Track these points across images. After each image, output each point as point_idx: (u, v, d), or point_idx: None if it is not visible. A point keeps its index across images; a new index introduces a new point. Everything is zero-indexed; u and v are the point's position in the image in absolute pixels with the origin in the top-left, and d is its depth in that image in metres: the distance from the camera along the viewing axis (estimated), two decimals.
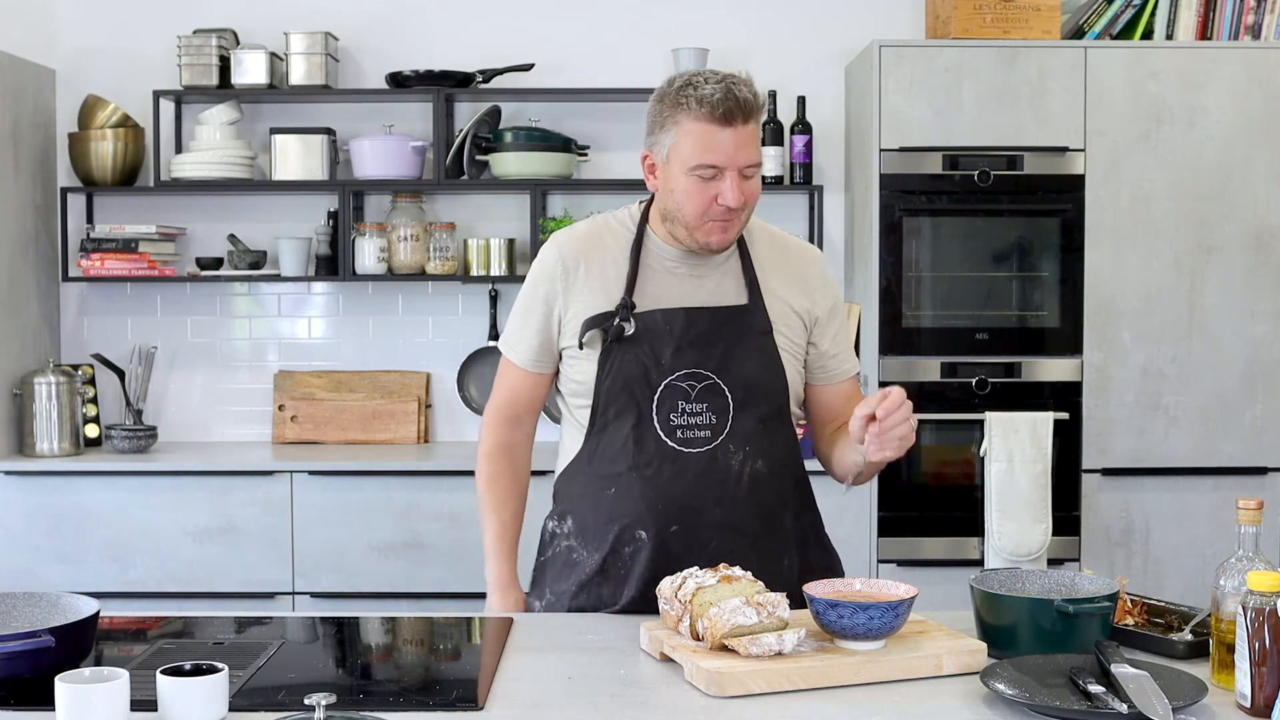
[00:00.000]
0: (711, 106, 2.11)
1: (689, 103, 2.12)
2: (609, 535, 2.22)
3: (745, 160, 2.14)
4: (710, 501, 2.19)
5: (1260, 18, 4.17)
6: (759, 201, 2.26)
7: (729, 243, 2.20)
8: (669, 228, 2.22)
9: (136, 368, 4.30)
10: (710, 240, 2.18)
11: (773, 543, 2.24)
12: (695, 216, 2.15)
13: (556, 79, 4.45)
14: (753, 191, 2.17)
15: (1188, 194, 4.01)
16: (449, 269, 4.36)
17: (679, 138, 2.13)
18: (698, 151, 2.12)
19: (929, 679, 1.83)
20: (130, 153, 4.36)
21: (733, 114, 2.11)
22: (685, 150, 2.13)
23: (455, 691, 1.82)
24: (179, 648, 2.05)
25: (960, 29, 4.05)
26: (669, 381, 2.17)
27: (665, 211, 2.21)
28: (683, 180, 2.14)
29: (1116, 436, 4.02)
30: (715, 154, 2.11)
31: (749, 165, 2.15)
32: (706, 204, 2.14)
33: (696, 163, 2.12)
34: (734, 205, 2.13)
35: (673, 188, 2.16)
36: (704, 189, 2.13)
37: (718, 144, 2.11)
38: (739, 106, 2.12)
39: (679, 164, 2.14)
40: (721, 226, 2.16)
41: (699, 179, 2.13)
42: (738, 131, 2.12)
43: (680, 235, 2.21)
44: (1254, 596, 1.66)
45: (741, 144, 2.13)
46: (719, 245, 2.19)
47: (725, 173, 2.12)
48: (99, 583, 3.94)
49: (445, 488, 4.02)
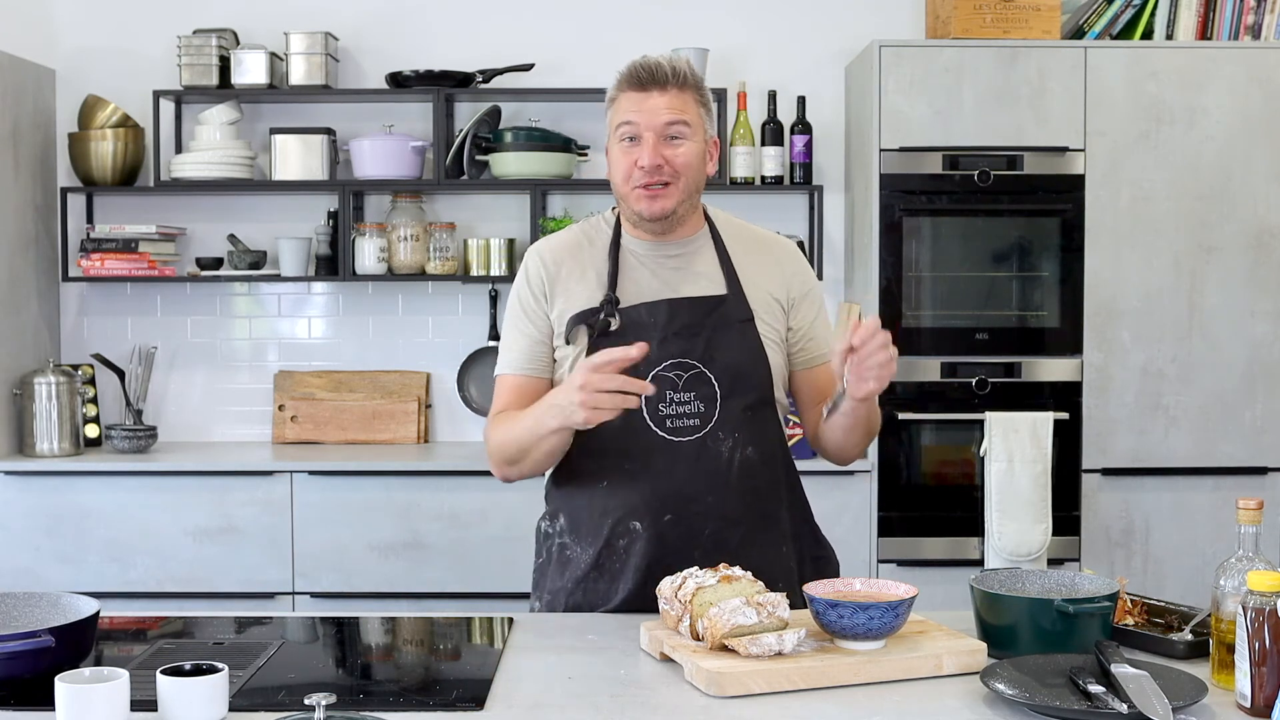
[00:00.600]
0: (629, 75, 2.20)
1: (619, 80, 2.22)
2: (603, 529, 2.22)
3: (662, 120, 2.18)
4: (703, 489, 2.20)
5: (1260, 18, 4.17)
6: (758, 202, 2.25)
7: (660, 212, 2.20)
8: (624, 214, 2.27)
9: (136, 368, 4.30)
10: (640, 208, 2.20)
11: (767, 531, 2.26)
12: (622, 183, 2.21)
13: (556, 79, 4.45)
14: (679, 157, 2.19)
15: (1188, 194, 4.01)
16: (449, 269, 4.36)
17: (611, 113, 2.23)
18: (619, 116, 2.20)
19: (929, 679, 1.83)
20: (130, 153, 4.36)
21: (646, 80, 2.18)
22: (612, 120, 2.22)
23: (455, 691, 1.82)
24: (179, 648, 2.05)
25: (960, 29, 4.05)
26: (656, 372, 2.18)
27: (614, 194, 2.27)
28: (614, 151, 2.23)
29: (1116, 436, 4.02)
30: (631, 113, 2.18)
31: (668, 124, 2.18)
32: (629, 168, 2.19)
33: (617, 123, 2.20)
34: (648, 164, 2.16)
35: (610, 163, 2.25)
36: (627, 154, 2.19)
37: (634, 106, 2.18)
38: (650, 73, 2.18)
39: (611, 136, 2.23)
40: (648, 193, 2.19)
41: (623, 147, 2.20)
42: (653, 95, 2.18)
43: (625, 212, 2.25)
44: (1254, 596, 1.66)
45: (659, 107, 2.17)
46: (649, 213, 2.20)
47: (643, 133, 2.17)
48: (99, 583, 3.94)
49: (445, 488, 4.02)
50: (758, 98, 4.44)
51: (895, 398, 4.00)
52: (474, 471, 4.03)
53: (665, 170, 2.17)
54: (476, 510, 4.01)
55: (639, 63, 2.20)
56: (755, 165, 4.37)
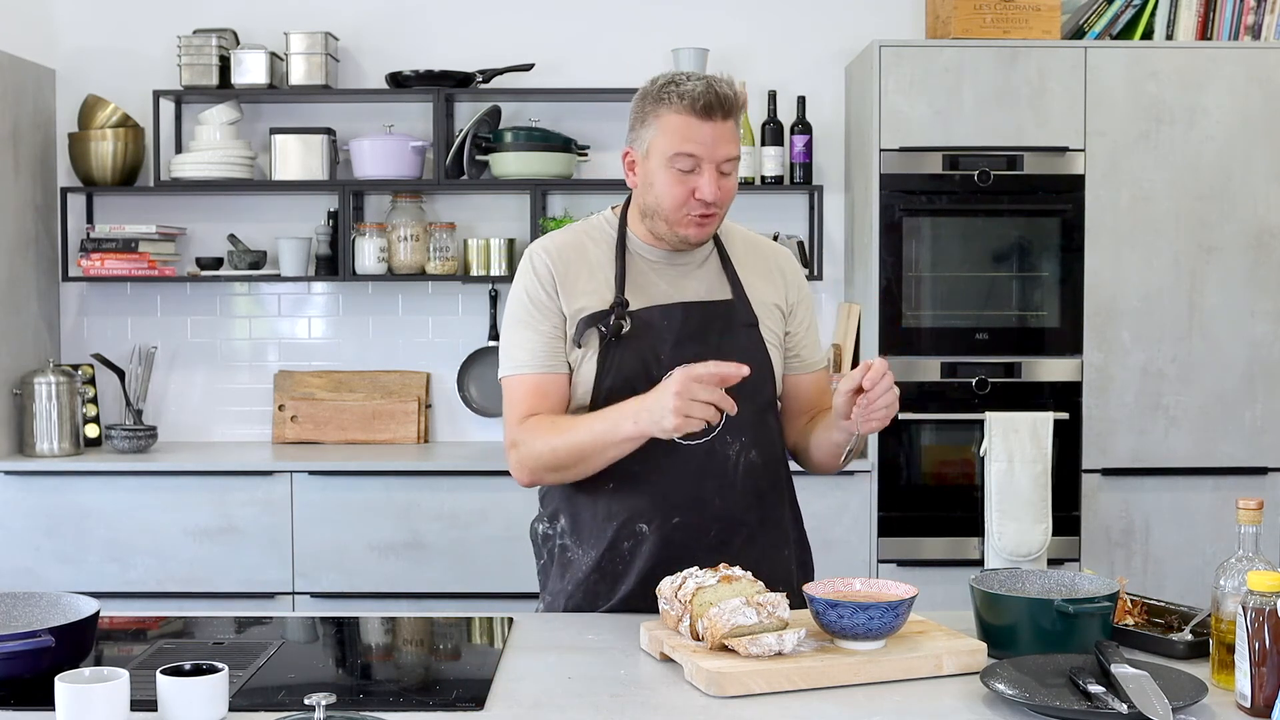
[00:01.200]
0: (693, 100, 2.14)
1: (670, 97, 2.16)
2: (608, 531, 2.22)
3: (723, 154, 2.16)
4: (711, 492, 2.21)
5: (1260, 18, 4.17)
6: (758, 202, 2.26)
7: (706, 237, 2.23)
8: (648, 225, 2.25)
9: (136, 368, 4.30)
10: (688, 234, 2.20)
11: (769, 533, 2.27)
12: (673, 210, 2.18)
13: (556, 79, 4.45)
14: (729, 188, 2.19)
15: (1188, 194, 4.01)
16: (449, 269, 4.36)
17: (660, 131, 2.17)
18: (677, 142, 2.15)
19: (929, 679, 1.83)
20: (130, 153, 4.36)
21: (712, 108, 2.14)
22: (665, 143, 2.16)
23: (455, 691, 1.82)
24: (179, 648, 2.05)
25: (960, 29, 4.05)
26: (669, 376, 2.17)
27: (644, 208, 2.23)
28: (662, 173, 2.18)
29: (1116, 436, 4.02)
30: (694, 145, 2.14)
31: (726, 160, 2.17)
32: (684, 197, 2.17)
33: (675, 152, 2.15)
34: (710, 199, 2.15)
35: (652, 181, 2.20)
36: (682, 181, 2.16)
37: (697, 136, 2.14)
38: (719, 101, 2.14)
39: (658, 157, 2.17)
40: (699, 220, 2.19)
41: (678, 172, 2.16)
42: (717, 126, 2.14)
43: (659, 230, 2.23)
44: (1254, 596, 1.66)
45: (720, 138, 2.15)
46: (696, 239, 2.22)
47: (703, 165, 2.15)
48: (99, 583, 3.94)
49: (445, 488, 4.02)
50: (758, 98, 4.44)
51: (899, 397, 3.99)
52: (474, 471, 4.03)
53: (719, 201, 2.18)
54: (476, 510, 4.01)
55: (704, 90, 2.13)
56: (755, 165, 4.37)
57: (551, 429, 2.16)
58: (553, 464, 2.18)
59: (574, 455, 2.15)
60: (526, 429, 2.19)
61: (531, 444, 2.18)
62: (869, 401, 2.07)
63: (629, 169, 2.25)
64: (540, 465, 2.19)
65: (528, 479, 2.23)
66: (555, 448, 2.15)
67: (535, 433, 2.18)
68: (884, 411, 2.08)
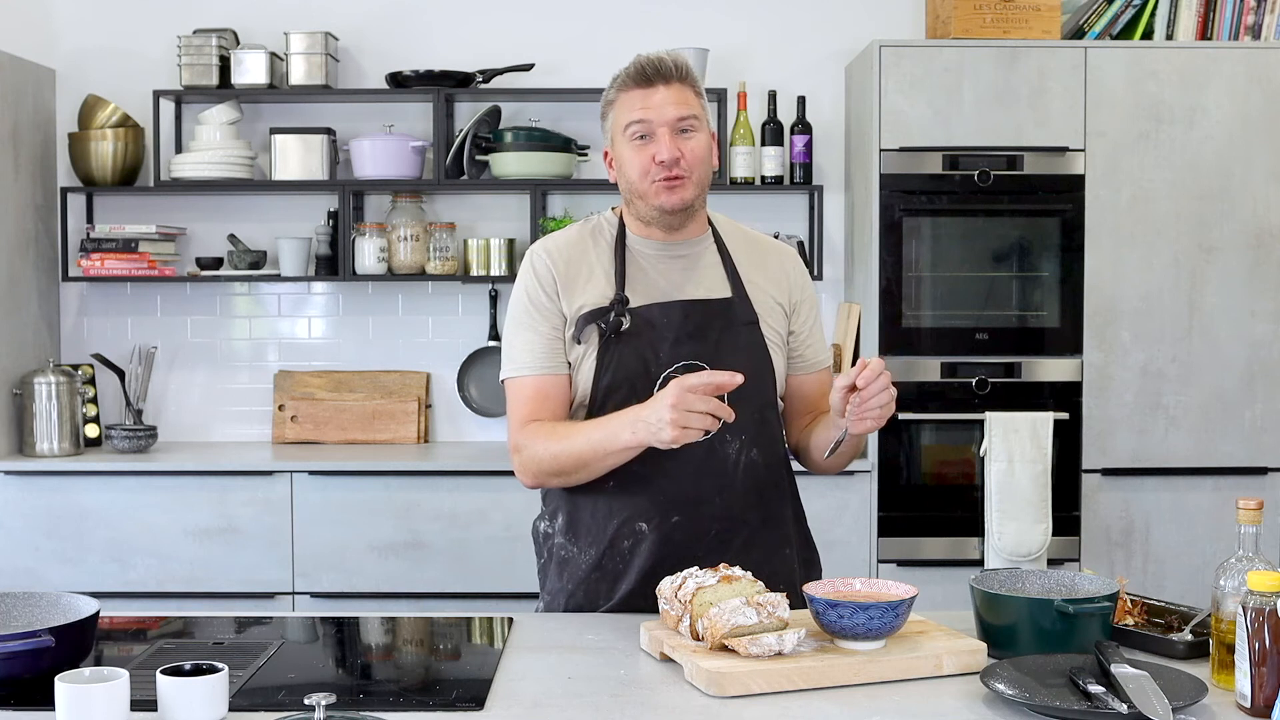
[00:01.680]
0: (629, 75, 2.21)
1: (615, 83, 2.24)
2: (607, 530, 2.22)
3: (672, 114, 2.19)
4: (711, 491, 2.21)
5: (1260, 18, 4.17)
6: (758, 202, 2.26)
7: (680, 202, 2.22)
8: (633, 211, 2.27)
9: (136, 368, 4.30)
10: (660, 201, 2.21)
11: (770, 532, 2.27)
12: (640, 179, 2.21)
13: (556, 79, 4.45)
14: (692, 149, 2.20)
15: (1188, 194, 4.01)
16: (449, 269, 4.36)
17: (615, 114, 2.23)
18: (626, 114, 2.21)
19: (929, 679, 1.83)
20: (130, 153, 4.36)
21: (649, 76, 2.19)
22: (620, 120, 2.22)
23: (455, 691, 1.82)
24: (179, 648, 2.05)
25: (960, 29, 4.05)
26: (667, 374, 2.18)
27: (624, 194, 2.27)
28: (624, 150, 2.22)
29: (1116, 436, 4.02)
30: (640, 111, 2.19)
31: (679, 118, 2.19)
32: (646, 164, 2.19)
33: (626, 123, 2.20)
34: (665, 157, 2.17)
35: (621, 163, 2.24)
36: (642, 150, 2.20)
37: (641, 103, 2.19)
38: (656, 69, 2.20)
39: (619, 137, 2.23)
40: (667, 185, 2.20)
41: (636, 144, 2.20)
42: (659, 90, 2.19)
43: (641, 212, 2.25)
44: (1254, 596, 1.66)
45: (665, 101, 2.19)
46: (670, 205, 2.21)
47: (656, 129, 2.19)
48: (99, 583, 3.94)
49: (445, 488, 4.02)
50: (758, 98, 4.44)
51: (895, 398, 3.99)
52: (474, 471, 4.03)
53: (682, 163, 2.19)
54: (476, 510, 4.01)
55: (641, 60, 2.21)
56: (755, 165, 4.37)
57: (551, 436, 2.17)
58: (554, 470, 2.20)
59: (574, 463, 2.17)
60: (528, 435, 2.20)
61: (533, 451, 2.19)
62: (862, 400, 2.07)
63: (609, 166, 2.29)
64: (542, 471, 2.21)
65: (532, 482, 2.25)
66: (555, 455, 2.17)
67: (536, 439, 2.19)
68: (878, 411, 2.08)
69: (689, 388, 1.98)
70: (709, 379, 1.99)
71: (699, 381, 1.99)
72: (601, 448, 2.12)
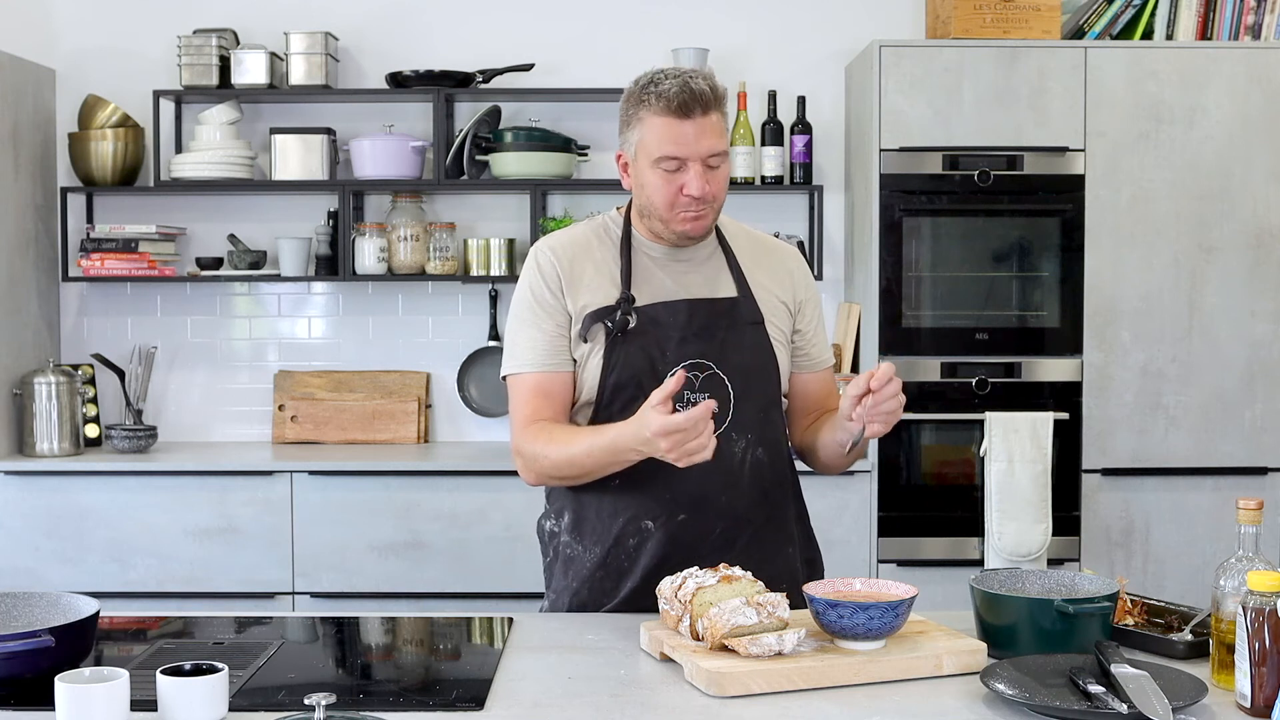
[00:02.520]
0: (668, 100, 2.15)
1: (650, 100, 2.18)
2: (613, 528, 2.23)
3: (707, 150, 2.17)
4: (716, 489, 2.21)
5: (1260, 18, 4.17)
6: (758, 202, 2.26)
7: (703, 230, 2.23)
8: (646, 224, 2.26)
9: (136, 368, 4.30)
10: (684, 229, 2.22)
11: (775, 530, 2.28)
12: (665, 209, 2.20)
13: (556, 79, 4.45)
14: (718, 180, 2.21)
15: (1188, 194, 4.01)
16: (449, 269, 4.36)
17: (644, 134, 2.19)
18: (660, 144, 2.17)
19: (929, 679, 1.83)
20: (130, 153, 4.36)
21: (689, 106, 2.15)
22: (650, 145, 2.18)
23: (455, 691, 1.82)
24: (179, 648, 2.05)
25: (960, 29, 4.05)
26: (675, 373, 2.18)
27: (640, 208, 2.26)
28: (650, 174, 2.20)
29: (1116, 436, 4.02)
30: (676, 146, 2.16)
31: (712, 155, 2.18)
32: (673, 195, 2.19)
33: (660, 154, 2.17)
34: (698, 194, 2.17)
35: (643, 182, 2.22)
36: (670, 180, 2.18)
37: (678, 136, 2.16)
38: (695, 99, 2.15)
39: (645, 159, 2.20)
40: (693, 215, 2.20)
41: (665, 171, 2.18)
42: (697, 123, 2.16)
43: (657, 229, 2.25)
44: (1254, 596, 1.66)
45: (702, 134, 2.16)
46: (694, 233, 2.23)
47: (688, 164, 2.17)
48: (99, 583, 3.94)
49: (445, 488, 4.02)
50: (758, 98, 4.44)
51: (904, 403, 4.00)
52: (474, 471, 4.03)
53: (708, 196, 2.19)
54: (476, 510, 4.01)
55: (679, 89, 2.14)
56: (755, 165, 4.37)
57: (551, 441, 2.17)
58: (554, 475, 2.21)
59: (575, 470, 2.18)
60: (529, 437, 2.20)
61: (534, 455, 2.19)
62: (875, 403, 2.07)
63: (623, 170, 2.27)
64: (543, 473, 2.22)
65: (535, 481, 2.26)
66: (556, 461, 2.17)
67: (537, 443, 2.19)
68: (886, 416, 2.09)
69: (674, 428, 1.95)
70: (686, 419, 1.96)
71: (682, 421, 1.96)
72: (604, 460, 2.13)
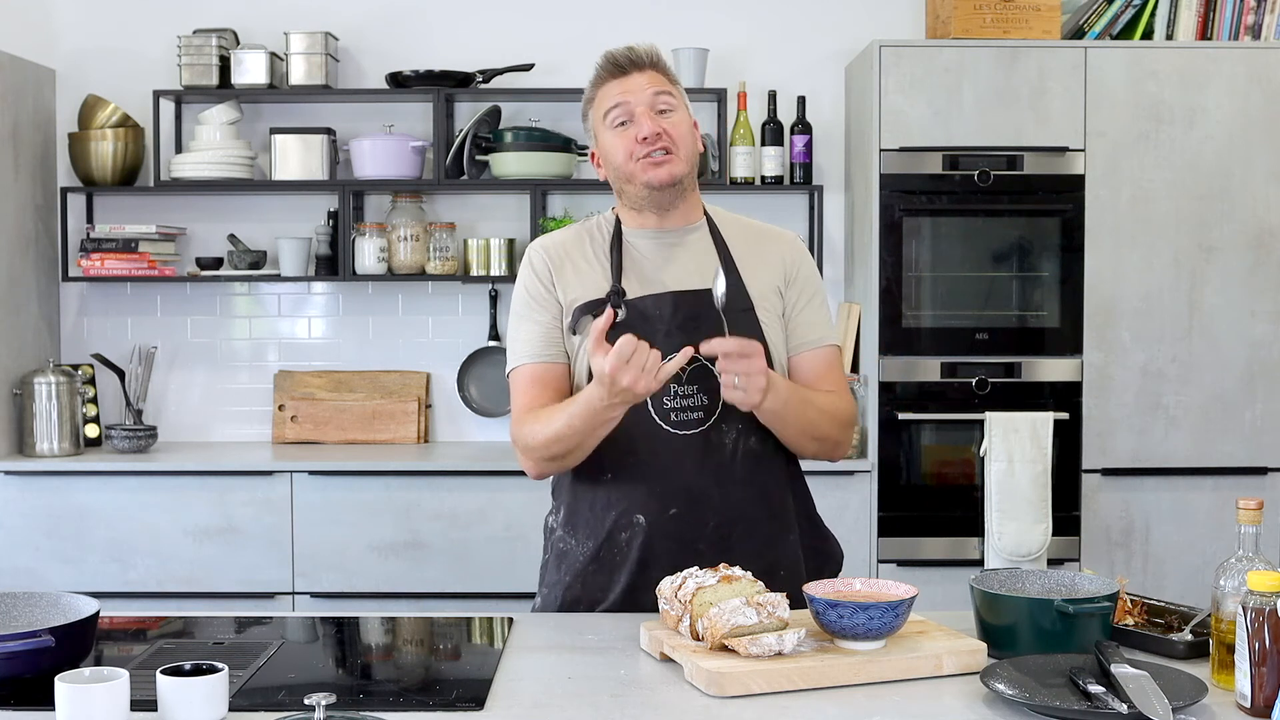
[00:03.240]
0: (602, 67, 2.28)
1: (592, 81, 2.30)
2: (605, 522, 2.23)
3: (648, 94, 2.23)
4: (709, 483, 2.20)
5: (1260, 18, 4.17)
6: (758, 202, 2.26)
7: (669, 177, 2.23)
8: (626, 201, 2.28)
9: (136, 368, 4.30)
10: (649, 178, 2.22)
11: (772, 521, 2.26)
12: (625, 161, 2.23)
13: (556, 79, 4.45)
14: (674, 124, 2.24)
15: (1188, 194, 4.01)
16: (449, 269, 4.36)
17: (595, 109, 2.29)
18: (604, 103, 2.26)
19: (929, 679, 1.83)
20: (130, 153, 4.36)
21: (620, 64, 2.25)
22: (600, 111, 2.27)
23: (455, 691, 1.82)
24: (179, 648, 2.05)
25: (960, 29, 4.05)
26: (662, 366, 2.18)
27: (614, 184, 2.28)
28: (608, 138, 2.26)
29: (1116, 436, 4.02)
30: (616, 96, 2.24)
31: (656, 95, 2.23)
32: (630, 146, 2.22)
33: (606, 109, 2.25)
34: (649, 132, 2.20)
35: (606, 152, 2.27)
36: (624, 134, 2.24)
37: (617, 89, 2.25)
38: (628, 57, 2.26)
39: (601, 127, 2.27)
40: (652, 162, 2.22)
41: (617, 128, 2.24)
42: (632, 77, 2.25)
43: (633, 197, 2.26)
44: (1254, 596, 1.66)
45: (639, 84, 2.24)
46: (659, 181, 2.22)
47: (635, 110, 2.22)
48: (99, 583, 3.94)
49: (445, 488, 4.02)
50: (758, 98, 4.44)
51: (895, 398, 4.00)
52: (474, 471, 4.03)
53: (665, 138, 2.21)
54: (476, 510, 4.01)
55: (610, 52, 2.27)
56: (755, 165, 4.37)
57: (537, 420, 2.19)
58: (547, 455, 2.20)
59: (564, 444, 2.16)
60: (520, 425, 2.22)
61: (526, 439, 2.21)
62: (721, 367, 2.06)
63: (597, 165, 2.32)
64: (538, 456, 2.21)
65: (534, 471, 2.26)
66: (546, 439, 2.17)
67: (525, 426, 2.21)
68: (736, 380, 2.06)
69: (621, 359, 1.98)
70: (627, 341, 1.99)
71: (624, 346, 1.98)
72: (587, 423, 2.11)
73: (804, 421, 2.21)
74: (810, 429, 2.23)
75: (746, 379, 2.05)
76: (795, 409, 2.18)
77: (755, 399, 2.07)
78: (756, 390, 2.06)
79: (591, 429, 2.13)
